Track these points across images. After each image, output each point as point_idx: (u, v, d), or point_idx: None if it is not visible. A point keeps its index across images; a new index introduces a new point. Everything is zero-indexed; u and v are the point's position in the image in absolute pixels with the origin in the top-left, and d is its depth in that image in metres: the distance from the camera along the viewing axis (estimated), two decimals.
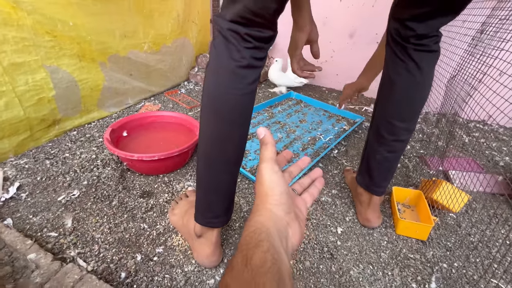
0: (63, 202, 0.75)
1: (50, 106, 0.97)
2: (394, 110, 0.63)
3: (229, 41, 0.43)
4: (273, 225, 0.27)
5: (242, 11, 0.40)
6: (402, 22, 0.55)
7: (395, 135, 0.65)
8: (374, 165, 0.71)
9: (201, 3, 1.70)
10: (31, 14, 0.84)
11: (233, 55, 0.43)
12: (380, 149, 0.68)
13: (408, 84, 0.59)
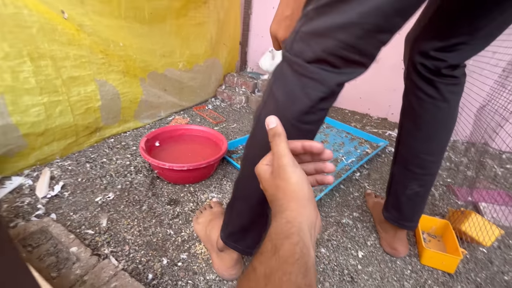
0: (100, 203, 0.82)
1: (95, 115, 1.07)
2: (422, 145, 0.61)
3: (304, 88, 0.37)
4: (306, 220, 0.27)
5: (335, 47, 0.34)
6: (428, 53, 0.53)
7: (425, 169, 0.63)
8: (404, 201, 0.68)
9: (233, 27, 1.83)
10: (90, 36, 0.96)
11: (301, 105, 0.38)
12: (410, 184, 0.65)
13: (436, 118, 0.58)
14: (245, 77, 1.88)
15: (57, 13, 0.85)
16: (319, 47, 0.34)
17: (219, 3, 1.57)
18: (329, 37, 0.33)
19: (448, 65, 0.52)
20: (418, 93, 0.58)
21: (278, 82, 0.40)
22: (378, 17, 0.31)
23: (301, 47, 0.36)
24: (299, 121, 0.40)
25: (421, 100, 0.58)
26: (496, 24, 0.47)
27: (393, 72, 1.66)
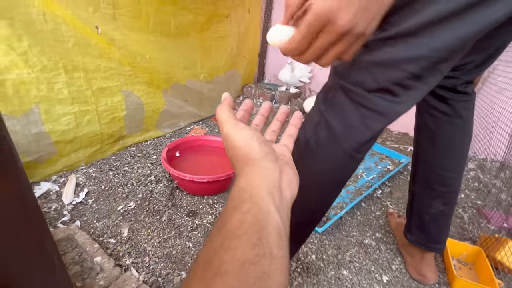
0: (121, 211, 0.83)
1: (119, 124, 1.11)
2: (442, 162, 0.61)
3: (364, 119, 0.37)
4: (262, 180, 0.23)
5: (401, 77, 0.34)
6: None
7: (448, 186, 0.62)
8: (429, 221, 0.66)
9: (252, 40, 1.86)
10: (120, 49, 1.01)
11: (361, 136, 0.38)
12: (434, 203, 0.64)
13: (452, 135, 0.58)
14: (262, 88, 1.90)
15: (92, 28, 0.90)
16: (384, 77, 0.35)
17: (240, 18, 1.61)
18: (396, 68, 0.34)
19: (464, 81, 0.54)
20: (431, 111, 0.58)
21: (333, 110, 0.39)
22: (446, 51, 0.33)
23: (362, 76, 0.36)
24: (356, 151, 0.40)
25: (436, 117, 0.58)
26: (503, 39, 0.47)
27: None
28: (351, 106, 0.38)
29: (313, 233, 0.83)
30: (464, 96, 0.55)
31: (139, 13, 1.03)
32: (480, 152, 1.42)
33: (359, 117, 0.37)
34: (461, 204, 1.04)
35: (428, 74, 0.35)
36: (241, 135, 0.25)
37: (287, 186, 0.24)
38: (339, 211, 0.92)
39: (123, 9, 0.98)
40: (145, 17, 1.06)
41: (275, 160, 0.25)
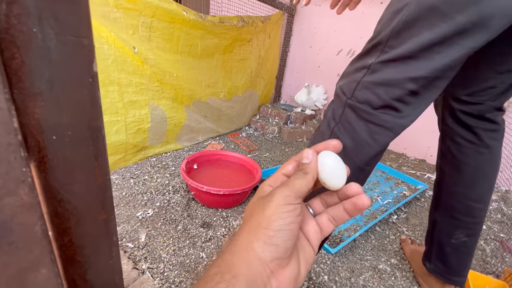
0: (140, 218, 0.86)
1: (143, 135, 1.18)
2: (468, 191, 0.59)
3: (372, 134, 0.40)
4: (247, 273, 0.19)
5: (402, 95, 0.38)
6: (464, 99, 0.53)
7: (474, 217, 0.60)
8: (450, 251, 0.63)
9: (271, 62, 1.96)
10: (152, 67, 1.10)
11: (370, 150, 0.41)
12: (456, 233, 0.61)
13: (479, 164, 0.56)
14: (278, 108, 1.96)
15: (130, 48, 1.00)
16: (387, 95, 0.38)
17: (261, 42, 1.71)
18: (398, 87, 0.38)
19: (491, 108, 0.52)
20: (456, 139, 0.57)
21: (343, 127, 0.42)
22: (442, 71, 0.37)
23: (367, 95, 0.40)
24: (366, 165, 0.43)
25: (461, 145, 0.57)
26: None
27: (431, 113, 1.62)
28: (360, 123, 0.41)
29: (326, 254, 0.82)
30: (492, 124, 0.53)
31: (171, 36, 1.13)
32: (503, 183, 1.37)
33: (368, 133, 0.41)
34: (483, 236, 0.99)
35: (426, 91, 0.39)
36: (280, 206, 0.21)
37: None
38: (352, 233, 0.91)
39: (157, 32, 1.08)
40: (176, 39, 1.16)
41: (279, 258, 0.21)
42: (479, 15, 0.33)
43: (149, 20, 1.03)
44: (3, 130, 0.10)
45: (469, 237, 0.61)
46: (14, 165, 0.10)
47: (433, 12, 0.34)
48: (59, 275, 0.14)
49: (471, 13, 0.33)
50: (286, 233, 0.21)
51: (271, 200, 0.21)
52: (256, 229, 0.21)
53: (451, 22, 0.34)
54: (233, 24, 1.35)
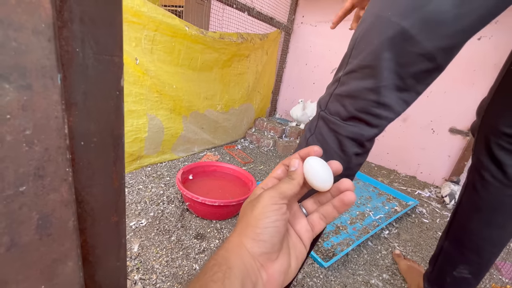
0: (133, 228, 0.86)
1: (140, 145, 1.19)
2: (481, 230, 0.55)
3: (341, 145, 0.40)
4: (240, 265, 0.21)
5: (366, 105, 0.38)
6: (502, 130, 0.49)
7: (481, 257, 0.56)
8: (450, 282, 0.62)
9: (268, 77, 2.02)
10: (152, 78, 1.13)
11: (338, 160, 0.43)
12: (460, 267, 0.59)
13: (501, 204, 0.52)
14: (274, 122, 2.00)
15: (132, 59, 1.03)
16: (352, 106, 0.39)
17: (259, 58, 1.77)
18: (361, 98, 0.38)
19: None
20: (483, 173, 0.53)
21: (316, 139, 0.44)
22: (397, 79, 0.36)
23: (336, 107, 0.41)
24: (341, 176, 0.43)
25: (486, 181, 0.52)
26: None
27: (422, 132, 1.68)
28: (330, 134, 0.42)
29: (319, 268, 0.82)
30: None
31: (172, 49, 1.17)
32: None
33: (338, 144, 0.41)
34: None
35: (389, 100, 0.37)
36: (267, 206, 0.23)
37: (267, 282, 0.23)
38: (345, 247, 0.92)
39: (159, 45, 1.12)
40: (177, 52, 1.20)
41: (266, 252, 0.23)
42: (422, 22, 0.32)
43: (152, 33, 1.07)
44: (57, 135, 0.11)
45: (472, 275, 0.58)
46: (61, 165, 0.12)
47: (380, 19, 0.35)
48: (81, 269, 0.15)
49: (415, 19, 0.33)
50: (272, 230, 0.23)
51: (259, 201, 0.24)
52: (246, 228, 0.23)
53: (396, 27, 0.33)
54: (232, 40, 1.40)
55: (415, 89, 0.38)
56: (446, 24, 0.32)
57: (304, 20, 2.01)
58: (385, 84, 0.36)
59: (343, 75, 0.40)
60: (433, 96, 1.60)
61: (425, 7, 0.32)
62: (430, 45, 0.33)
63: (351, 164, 0.43)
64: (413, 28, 0.33)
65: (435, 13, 0.31)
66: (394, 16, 0.34)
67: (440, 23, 0.32)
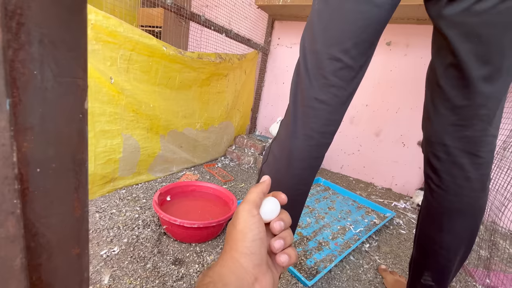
0: (104, 257, 0.79)
1: (113, 166, 1.13)
2: (436, 235, 0.57)
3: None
4: (235, 280, 0.22)
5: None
6: (433, 140, 0.55)
7: (438, 263, 0.58)
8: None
9: (247, 96, 2.05)
10: (127, 97, 1.10)
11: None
12: (425, 274, 0.61)
13: (447, 211, 0.55)
14: (254, 139, 2.01)
15: (106, 78, 1.00)
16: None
17: (238, 77, 1.81)
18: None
19: (459, 151, 0.52)
20: (428, 181, 0.58)
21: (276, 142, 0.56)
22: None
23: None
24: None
25: (431, 189, 0.57)
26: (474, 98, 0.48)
27: (394, 145, 1.77)
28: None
29: (303, 287, 0.81)
30: (460, 171, 0.51)
31: (149, 68, 1.16)
32: None
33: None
34: None
35: (296, 110, 0.55)
36: (247, 220, 0.25)
37: None
38: (328, 263, 0.92)
39: (136, 64, 1.11)
40: (154, 72, 1.19)
41: (258, 264, 0.24)
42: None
43: (128, 53, 1.06)
44: (3, 164, 0.10)
45: (435, 282, 0.59)
46: (7, 197, 0.11)
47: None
48: None
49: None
50: (259, 241, 0.25)
51: (238, 218, 0.26)
52: (235, 244, 0.25)
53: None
54: (211, 60, 1.42)
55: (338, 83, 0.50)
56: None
57: (280, 42, 2.11)
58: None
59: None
60: (401, 112, 1.71)
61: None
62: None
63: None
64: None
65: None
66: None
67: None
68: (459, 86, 0.49)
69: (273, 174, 0.55)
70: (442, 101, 0.52)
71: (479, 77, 0.46)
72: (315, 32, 0.50)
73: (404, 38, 1.65)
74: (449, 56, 0.48)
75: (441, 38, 0.49)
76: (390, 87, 1.73)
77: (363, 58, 0.50)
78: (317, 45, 0.49)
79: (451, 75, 0.50)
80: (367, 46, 0.49)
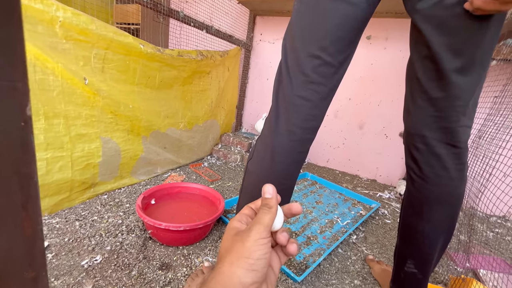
0: (86, 267, 0.75)
1: (93, 171, 1.08)
2: (418, 223, 0.58)
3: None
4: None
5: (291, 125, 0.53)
6: (412, 132, 0.56)
7: (420, 250, 0.59)
8: (404, 278, 0.65)
9: (231, 93, 2.03)
10: (104, 99, 1.05)
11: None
12: (408, 262, 0.62)
13: (426, 200, 0.56)
14: (240, 137, 1.99)
15: (80, 79, 0.95)
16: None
17: (221, 74, 1.78)
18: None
19: (436, 141, 0.53)
20: (409, 171, 0.59)
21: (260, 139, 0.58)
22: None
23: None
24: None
25: (412, 179, 0.58)
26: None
27: (377, 137, 1.81)
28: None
29: (293, 283, 0.81)
30: (437, 160, 0.53)
31: (127, 67, 1.11)
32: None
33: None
34: None
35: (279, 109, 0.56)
36: (258, 240, 0.25)
37: None
38: (317, 257, 0.92)
39: (112, 64, 1.06)
40: (132, 71, 1.15)
41: (256, 281, 0.25)
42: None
43: (102, 52, 1.01)
44: None
45: (418, 270, 0.61)
46: None
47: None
48: None
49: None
50: (264, 261, 0.26)
51: (249, 235, 0.26)
52: (238, 259, 0.25)
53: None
54: (192, 57, 1.39)
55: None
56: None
57: (262, 37, 2.09)
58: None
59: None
60: (383, 104, 1.75)
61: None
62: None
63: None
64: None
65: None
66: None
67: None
68: (435, 79, 0.50)
69: (258, 170, 0.57)
70: (420, 94, 0.54)
71: (453, 69, 0.47)
72: (295, 31, 0.51)
73: (384, 32, 1.68)
74: (424, 49, 0.49)
75: (417, 32, 0.50)
76: (371, 80, 1.76)
77: (342, 55, 0.51)
78: (296, 43, 0.51)
79: (427, 67, 0.51)
80: (346, 43, 0.50)
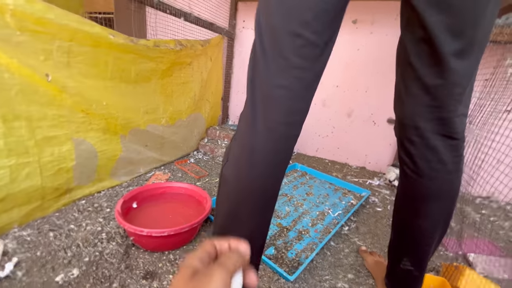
0: (60, 283, 0.69)
1: (67, 176, 1.00)
2: (413, 220, 0.56)
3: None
4: None
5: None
6: (406, 123, 0.52)
7: (416, 246, 0.57)
8: (399, 273, 0.63)
9: (215, 85, 1.94)
10: (73, 97, 0.96)
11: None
12: (403, 259, 0.60)
13: (420, 195, 0.53)
14: (227, 130, 1.93)
15: (41, 76, 0.85)
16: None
17: (203, 65, 1.69)
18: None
19: (430, 133, 0.50)
20: (403, 166, 0.56)
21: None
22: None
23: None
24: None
25: (406, 173, 0.55)
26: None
27: (365, 124, 1.79)
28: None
29: (285, 282, 0.78)
30: (432, 154, 0.49)
31: (97, 61, 1.01)
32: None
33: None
34: None
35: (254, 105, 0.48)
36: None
37: None
38: (309, 253, 0.90)
39: (79, 57, 0.95)
40: (103, 64, 1.05)
41: None
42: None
43: (66, 44, 0.90)
44: None
45: (414, 267, 0.59)
46: None
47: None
48: None
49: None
50: None
51: (210, 281, 0.24)
52: None
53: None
54: (169, 47, 1.29)
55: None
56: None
57: (245, 24, 1.99)
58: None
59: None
60: (370, 91, 1.72)
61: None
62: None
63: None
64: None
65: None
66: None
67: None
68: (431, 64, 0.45)
69: (234, 176, 0.48)
70: (413, 81, 0.49)
71: (451, 53, 0.43)
72: (271, 3, 0.41)
73: (370, 15, 1.63)
74: (419, 30, 0.44)
75: (410, 10, 0.44)
76: (358, 66, 1.72)
77: (328, 32, 0.43)
78: (272, 19, 0.41)
79: (422, 51, 0.46)
80: (330, 17, 0.42)
